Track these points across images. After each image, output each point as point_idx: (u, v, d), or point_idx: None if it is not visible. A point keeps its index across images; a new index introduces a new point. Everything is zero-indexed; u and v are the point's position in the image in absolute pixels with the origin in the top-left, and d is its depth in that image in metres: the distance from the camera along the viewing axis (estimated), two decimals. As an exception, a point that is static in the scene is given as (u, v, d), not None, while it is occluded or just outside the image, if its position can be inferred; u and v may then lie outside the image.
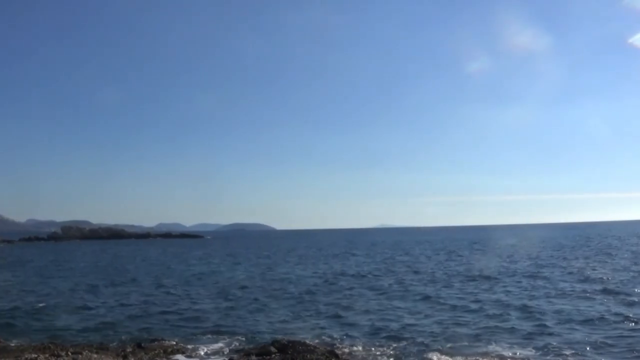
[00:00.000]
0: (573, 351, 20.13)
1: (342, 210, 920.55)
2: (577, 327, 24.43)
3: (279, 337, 22.51)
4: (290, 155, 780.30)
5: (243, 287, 42.67)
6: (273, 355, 19.55)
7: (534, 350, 20.51)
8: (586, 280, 40.54)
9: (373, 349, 21.51)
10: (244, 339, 24.06)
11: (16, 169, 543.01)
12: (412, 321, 26.84)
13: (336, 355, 19.28)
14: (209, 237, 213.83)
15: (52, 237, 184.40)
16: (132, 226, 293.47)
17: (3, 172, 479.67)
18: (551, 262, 58.84)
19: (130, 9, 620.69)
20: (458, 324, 25.69)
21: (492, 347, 20.97)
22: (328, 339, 23.10)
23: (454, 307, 30.45)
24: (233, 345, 22.89)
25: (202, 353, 21.76)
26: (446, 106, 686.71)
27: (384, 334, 24.08)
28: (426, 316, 28.19)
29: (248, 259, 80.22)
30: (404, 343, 22.33)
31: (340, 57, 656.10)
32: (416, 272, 51.33)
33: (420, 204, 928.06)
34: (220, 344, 23.22)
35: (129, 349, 21.51)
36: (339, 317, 28.62)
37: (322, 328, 25.90)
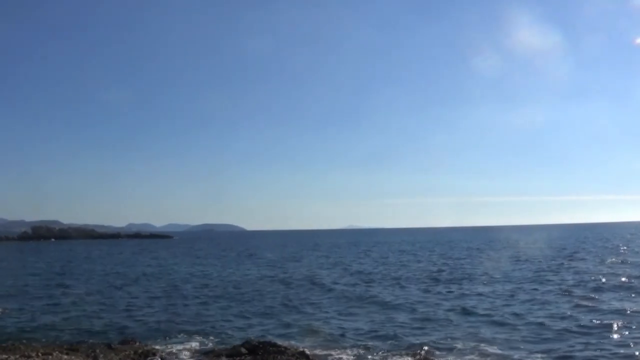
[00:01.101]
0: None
1: (312, 210, 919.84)
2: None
3: (250, 337, 22.34)
4: (260, 156, 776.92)
5: (204, 287, 42.92)
6: (243, 356, 19.36)
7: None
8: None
9: (343, 349, 21.41)
10: (214, 339, 23.81)
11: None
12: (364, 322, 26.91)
13: (306, 356, 19.15)
14: (176, 238, 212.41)
15: (22, 237, 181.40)
16: (102, 226, 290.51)
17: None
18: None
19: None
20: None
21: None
22: (296, 340, 22.99)
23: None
24: (203, 346, 22.60)
25: (172, 354, 21.46)
26: (420, 108, 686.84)
27: (350, 336, 24.05)
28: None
29: (202, 260, 79.85)
30: (373, 343, 22.28)
31: (321, 56, 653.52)
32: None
33: (387, 205, 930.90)
34: (189, 345, 22.93)
35: (98, 350, 21.11)
36: (300, 318, 28.50)
37: (287, 327, 25.88)
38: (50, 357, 19.51)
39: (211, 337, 24.29)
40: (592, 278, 41.55)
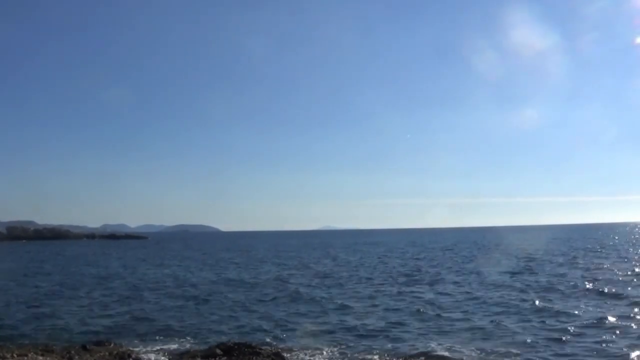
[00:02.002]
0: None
1: (287, 211, 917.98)
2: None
3: (225, 339, 22.20)
4: (236, 156, 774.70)
5: (173, 288, 42.84)
6: (218, 358, 19.21)
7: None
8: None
9: (317, 350, 21.38)
10: (189, 340, 23.63)
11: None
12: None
13: (282, 357, 19.11)
14: (149, 239, 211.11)
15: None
16: (78, 227, 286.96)
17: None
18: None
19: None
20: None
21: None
22: (271, 341, 22.91)
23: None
24: (178, 347, 22.43)
25: (147, 355, 21.26)
26: (394, 111, 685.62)
27: (326, 336, 24.01)
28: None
29: (173, 261, 79.29)
30: (346, 344, 22.25)
31: (297, 56, 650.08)
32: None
33: (362, 206, 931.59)
34: (164, 346, 22.75)
35: (73, 352, 20.80)
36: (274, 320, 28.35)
37: (260, 329, 25.78)
38: (25, 358, 19.19)
39: (187, 338, 24.08)
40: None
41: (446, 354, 20.30)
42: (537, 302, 30.66)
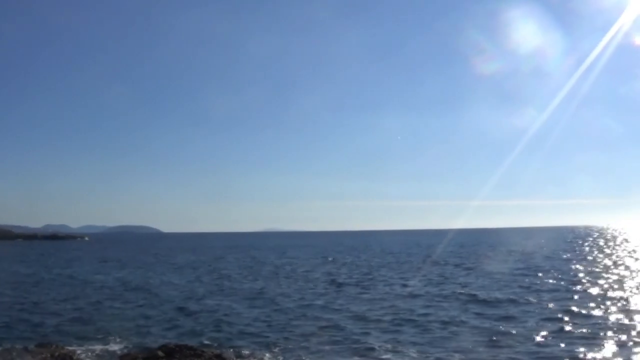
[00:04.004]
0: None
1: (231, 212, 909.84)
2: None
3: (167, 341, 21.87)
4: (179, 157, 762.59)
5: (111, 289, 42.22)
6: None
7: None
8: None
9: (258, 351, 21.27)
10: (131, 342, 23.15)
11: None
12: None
13: (223, 359, 18.96)
14: (87, 239, 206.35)
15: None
16: (19, 227, 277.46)
17: None
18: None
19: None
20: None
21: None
22: (213, 343, 22.67)
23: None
24: (119, 349, 21.98)
25: (89, 356, 20.81)
26: (333, 113, 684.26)
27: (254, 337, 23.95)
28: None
29: (110, 263, 77.49)
30: (284, 344, 22.19)
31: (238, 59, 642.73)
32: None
33: (306, 208, 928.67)
34: (106, 347, 22.30)
35: (15, 353, 20.19)
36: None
37: (200, 332, 25.49)
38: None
39: (128, 339, 23.65)
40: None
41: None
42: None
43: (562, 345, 21.18)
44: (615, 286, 37.21)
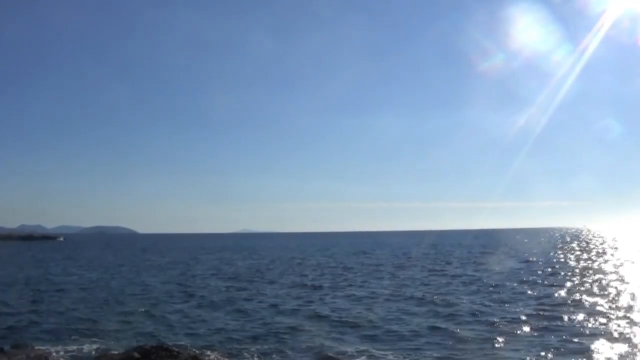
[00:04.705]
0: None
1: (206, 214, 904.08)
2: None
3: (142, 342, 21.72)
4: (155, 158, 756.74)
5: (84, 290, 41.68)
6: (136, 361, 18.81)
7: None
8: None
9: (234, 352, 21.22)
10: (106, 343, 22.92)
11: None
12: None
13: (198, 361, 18.90)
14: (60, 239, 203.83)
15: None
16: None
17: None
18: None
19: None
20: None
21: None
22: (189, 344, 22.57)
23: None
24: (95, 351, 21.73)
25: (63, 358, 20.61)
26: (310, 116, 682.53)
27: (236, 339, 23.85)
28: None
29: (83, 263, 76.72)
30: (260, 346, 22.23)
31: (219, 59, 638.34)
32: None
33: (282, 209, 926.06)
34: (82, 347, 22.09)
35: (-11, 354, 19.95)
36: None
37: (176, 332, 25.39)
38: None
39: (103, 341, 23.41)
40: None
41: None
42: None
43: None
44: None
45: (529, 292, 35.91)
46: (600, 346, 20.76)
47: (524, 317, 26.84)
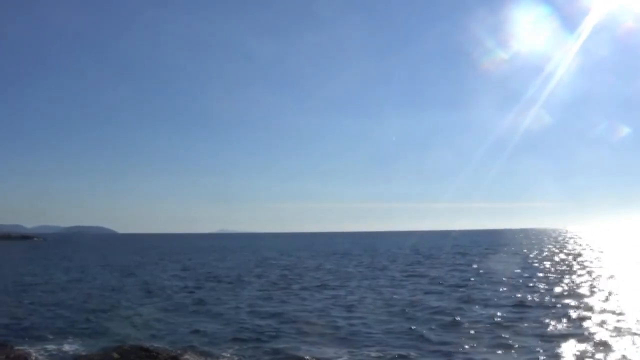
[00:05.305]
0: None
1: (183, 213, 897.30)
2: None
3: (122, 342, 21.82)
4: (133, 157, 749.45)
5: (63, 290, 41.48)
6: (115, 361, 18.94)
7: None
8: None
9: (214, 354, 21.24)
10: (85, 343, 22.93)
11: None
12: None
13: (177, 361, 19.05)
14: (36, 239, 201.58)
15: None
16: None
17: None
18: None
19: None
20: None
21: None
22: (169, 345, 22.65)
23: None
24: (74, 351, 21.81)
25: (43, 357, 20.66)
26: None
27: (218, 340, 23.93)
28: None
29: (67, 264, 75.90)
30: (238, 346, 22.30)
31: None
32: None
33: (262, 209, 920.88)
34: (60, 348, 22.11)
35: (-32, 355, 19.94)
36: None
37: (157, 334, 25.25)
38: None
39: (82, 341, 23.40)
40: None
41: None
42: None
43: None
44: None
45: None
46: (570, 347, 21.17)
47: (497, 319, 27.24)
